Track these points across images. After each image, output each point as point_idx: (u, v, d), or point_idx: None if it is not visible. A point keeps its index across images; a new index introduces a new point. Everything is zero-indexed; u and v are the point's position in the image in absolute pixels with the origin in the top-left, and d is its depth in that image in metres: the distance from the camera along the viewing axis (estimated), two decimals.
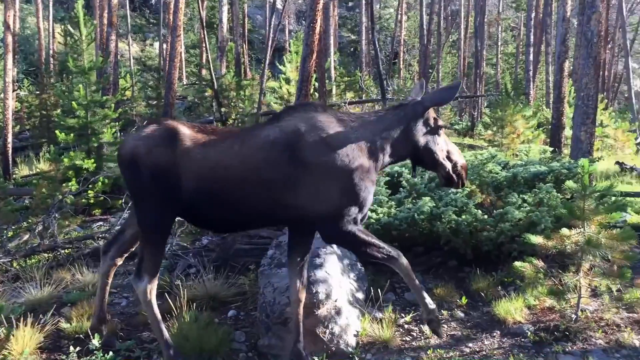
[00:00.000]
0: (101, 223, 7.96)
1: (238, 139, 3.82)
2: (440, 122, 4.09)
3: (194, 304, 4.61)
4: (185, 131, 3.80)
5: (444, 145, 4.14)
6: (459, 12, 29.27)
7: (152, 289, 3.86)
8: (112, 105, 9.75)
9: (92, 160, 8.72)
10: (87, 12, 17.34)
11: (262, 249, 5.47)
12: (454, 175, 4.14)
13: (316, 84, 13.83)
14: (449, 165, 4.12)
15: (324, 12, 14.92)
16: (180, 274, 5.46)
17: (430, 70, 28.00)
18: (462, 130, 19.45)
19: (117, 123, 9.94)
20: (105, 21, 13.58)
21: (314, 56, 10.63)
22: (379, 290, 4.77)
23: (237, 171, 3.69)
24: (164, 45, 23.83)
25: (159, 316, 3.91)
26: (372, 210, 5.42)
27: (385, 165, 4.12)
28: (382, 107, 3.61)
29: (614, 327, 4.35)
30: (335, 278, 4.44)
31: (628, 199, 7.41)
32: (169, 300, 4.45)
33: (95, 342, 4.07)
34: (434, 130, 4.07)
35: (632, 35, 31.71)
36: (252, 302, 4.90)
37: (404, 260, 3.87)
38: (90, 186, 8.29)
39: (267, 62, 17.12)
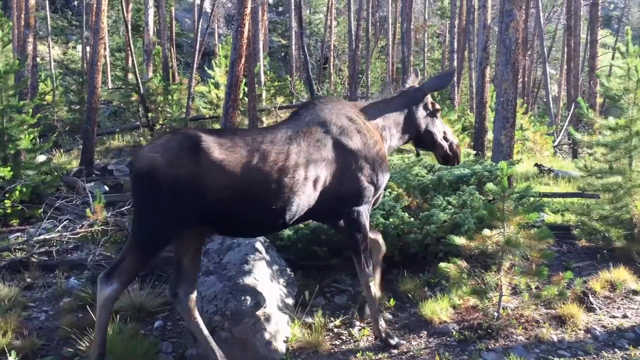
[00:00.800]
0: (19, 234, 7.56)
1: (275, 138, 3.80)
2: (437, 106, 4.58)
3: (118, 316, 4.47)
4: (209, 139, 3.59)
5: (441, 127, 4.63)
6: (386, 19, 29.86)
7: (116, 298, 3.66)
8: (30, 110, 9.31)
9: (9, 168, 8.28)
10: (4, 13, 16.56)
11: None
12: (450, 154, 4.64)
13: (246, 88, 13.74)
14: (446, 145, 4.61)
15: (252, 16, 14.83)
16: None
17: (360, 75, 28.38)
18: None
19: (35, 129, 9.46)
20: (23, 22, 12.97)
21: (243, 61, 10.53)
22: (308, 295, 4.77)
23: (282, 170, 3.67)
24: (87, 48, 23.06)
25: (106, 326, 3.70)
26: None
27: (394, 147, 4.58)
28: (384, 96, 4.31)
29: (534, 323, 4.53)
30: (265, 284, 4.40)
31: (545, 199, 7.74)
32: (91, 312, 4.27)
33: (12, 358, 3.88)
34: (432, 114, 4.55)
35: (550, 42, 33.34)
36: (179, 312, 4.79)
37: (372, 279, 4.22)
38: (6, 195, 7.88)
39: (196, 66, 16.89)
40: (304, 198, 3.77)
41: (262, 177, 3.61)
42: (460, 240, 4.48)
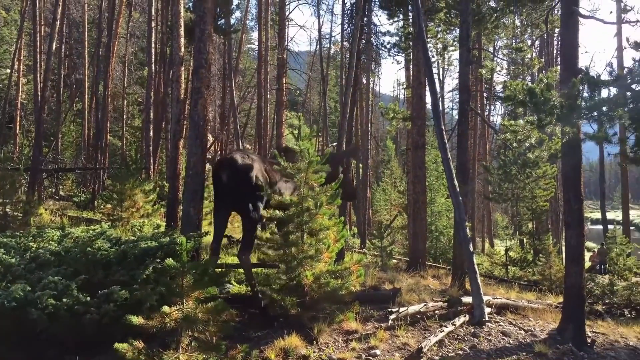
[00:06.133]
0: None
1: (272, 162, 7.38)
2: (350, 163, 7.99)
3: None
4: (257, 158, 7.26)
5: (351, 177, 7.96)
6: (83, 82, 28.59)
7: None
8: None
9: None
10: None
11: None
12: (353, 193, 7.99)
13: None
14: (352, 186, 7.99)
15: None
16: None
17: (52, 138, 26.25)
18: (82, 203, 18.42)
19: None
20: None
21: None
22: None
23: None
24: None
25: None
26: None
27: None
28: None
29: None
30: None
31: (231, 270, 8.00)
32: None
33: None
34: (348, 168, 7.86)
35: (245, 119, 35.76)
36: None
37: None
38: None
39: None
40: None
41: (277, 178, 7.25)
42: (137, 320, 4.29)
